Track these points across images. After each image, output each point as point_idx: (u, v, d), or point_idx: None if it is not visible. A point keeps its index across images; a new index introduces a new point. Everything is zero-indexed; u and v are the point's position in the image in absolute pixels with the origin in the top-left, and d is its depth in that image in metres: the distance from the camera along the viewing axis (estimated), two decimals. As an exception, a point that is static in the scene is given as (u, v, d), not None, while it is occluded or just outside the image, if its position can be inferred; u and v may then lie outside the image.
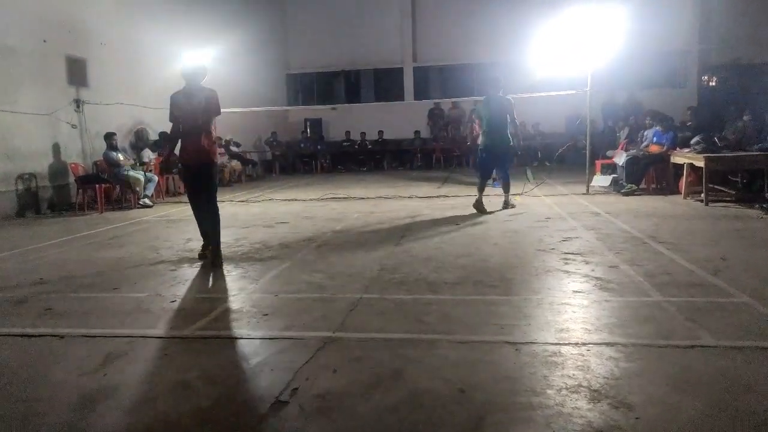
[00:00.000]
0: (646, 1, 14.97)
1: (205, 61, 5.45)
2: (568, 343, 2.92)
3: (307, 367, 2.76)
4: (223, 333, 3.31)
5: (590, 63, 9.11)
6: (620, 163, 9.50)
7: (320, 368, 2.74)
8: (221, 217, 5.26)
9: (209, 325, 3.46)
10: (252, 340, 3.18)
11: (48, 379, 2.77)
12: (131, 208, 9.58)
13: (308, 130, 18.90)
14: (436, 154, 17.34)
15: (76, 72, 10.13)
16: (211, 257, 5.08)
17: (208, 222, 5.23)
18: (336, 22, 18.90)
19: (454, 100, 17.42)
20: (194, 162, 5.10)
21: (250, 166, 15.88)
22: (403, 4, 18.69)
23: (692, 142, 8.48)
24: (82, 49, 10.21)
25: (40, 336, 3.37)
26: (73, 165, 9.72)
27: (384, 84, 19.69)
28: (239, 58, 14.09)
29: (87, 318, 3.72)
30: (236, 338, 3.22)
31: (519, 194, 9.35)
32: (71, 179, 9.77)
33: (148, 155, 10.89)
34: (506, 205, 7.88)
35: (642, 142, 9.65)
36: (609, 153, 11.37)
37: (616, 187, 9.40)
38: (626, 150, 9.84)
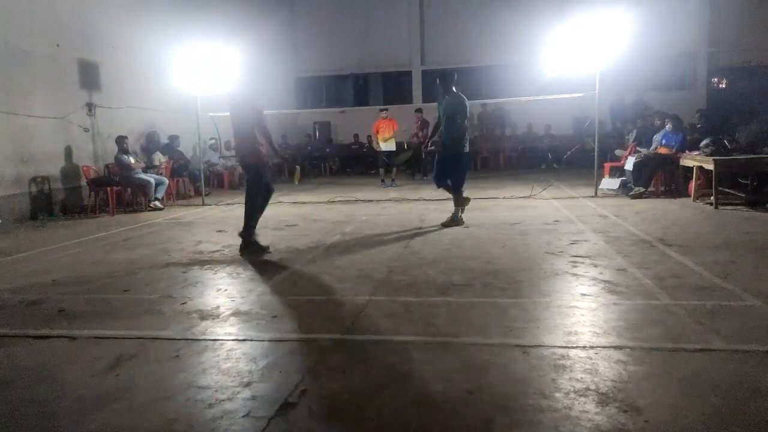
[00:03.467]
0: (655, 3, 14.92)
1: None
2: (577, 346, 2.92)
3: (315, 368, 2.78)
4: (233, 334, 3.34)
5: (598, 65, 9.09)
6: (628, 167, 9.46)
7: (329, 370, 2.76)
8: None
9: (219, 326, 3.50)
10: (261, 342, 3.20)
11: (60, 379, 2.80)
12: (142, 211, 9.66)
13: (317, 132, 18.97)
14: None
15: (89, 76, 10.24)
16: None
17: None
18: (345, 25, 18.95)
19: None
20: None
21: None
22: (412, 7, 18.73)
23: (702, 144, 8.43)
24: (94, 53, 10.32)
25: (52, 337, 3.41)
26: (85, 168, 9.81)
27: (392, 87, 19.72)
28: (249, 62, 14.17)
29: (99, 319, 3.76)
30: (246, 340, 3.25)
31: (526, 197, 9.34)
32: (83, 182, 9.87)
33: (159, 158, 10.99)
34: (455, 220, 6.84)
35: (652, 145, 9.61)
36: (618, 152, 11.33)
37: (624, 189, 9.36)
38: (634, 153, 9.80)
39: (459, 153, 6.81)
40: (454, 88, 6.86)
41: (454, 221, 6.85)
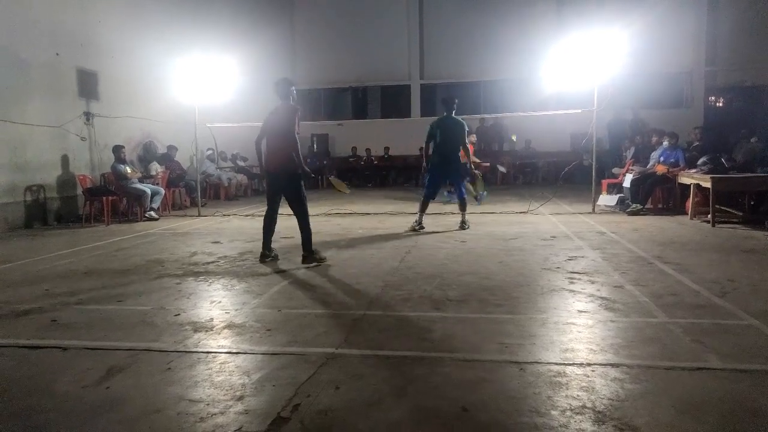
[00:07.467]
0: (653, 22, 15.05)
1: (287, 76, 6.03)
2: (573, 364, 2.90)
3: (309, 383, 2.75)
4: (226, 347, 3.31)
5: (597, 82, 9.14)
6: (626, 184, 9.48)
7: (322, 385, 2.72)
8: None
9: (212, 339, 3.46)
10: (255, 355, 3.17)
11: (50, 391, 2.76)
12: (137, 221, 9.62)
13: (315, 145, 19.01)
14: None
15: (87, 85, 10.26)
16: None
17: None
18: (344, 38, 19.05)
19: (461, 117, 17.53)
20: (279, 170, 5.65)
21: (256, 180, 15.93)
22: (411, 21, 18.87)
23: (699, 162, 8.46)
24: (93, 62, 10.35)
25: (43, 347, 3.37)
26: (81, 177, 9.79)
27: (391, 100, 19.79)
28: (248, 74, 14.24)
29: (91, 330, 3.72)
30: (239, 353, 3.21)
31: (524, 212, 9.35)
32: (79, 191, 9.84)
33: (156, 168, 10.98)
34: (463, 225, 7.76)
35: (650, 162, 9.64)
36: (615, 170, 11.36)
37: (622, 206, 9.37)
38: (631, 171, 9.82)
39: (459, 164, 7.89)
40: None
41: (466, 225, 7.79)
